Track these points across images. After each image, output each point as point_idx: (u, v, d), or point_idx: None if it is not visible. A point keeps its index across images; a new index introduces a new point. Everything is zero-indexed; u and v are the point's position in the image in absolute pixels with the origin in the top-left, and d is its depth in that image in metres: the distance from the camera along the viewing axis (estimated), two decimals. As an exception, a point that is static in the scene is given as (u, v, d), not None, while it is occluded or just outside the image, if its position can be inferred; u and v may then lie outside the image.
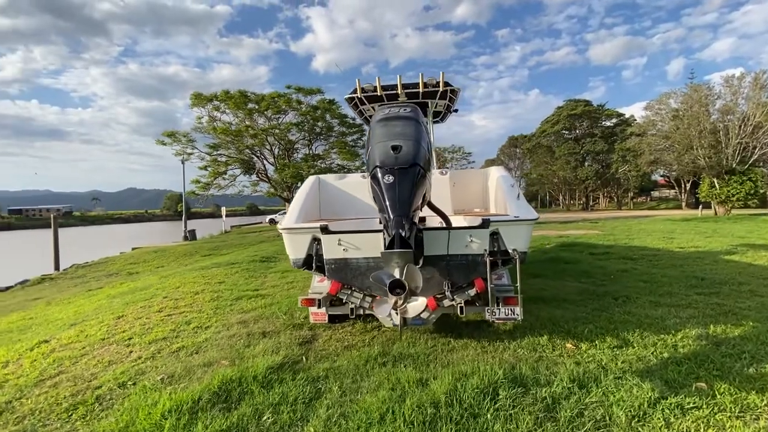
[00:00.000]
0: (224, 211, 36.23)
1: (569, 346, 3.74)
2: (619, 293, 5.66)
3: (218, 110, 32.62)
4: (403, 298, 2.61)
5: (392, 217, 2.65)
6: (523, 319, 3.75)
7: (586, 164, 54.27)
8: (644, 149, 31.30)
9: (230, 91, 31.73)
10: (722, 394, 2.77)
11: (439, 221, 3.81)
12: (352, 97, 5.94)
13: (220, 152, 33.01)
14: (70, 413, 2.95)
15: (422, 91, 5.68)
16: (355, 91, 5.75)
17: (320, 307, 3.95)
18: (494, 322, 4.07)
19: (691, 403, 2.66)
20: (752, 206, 26.09)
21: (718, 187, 26.11)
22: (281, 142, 33.70)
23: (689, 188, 44.39)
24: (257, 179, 34.63)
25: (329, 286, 3.78)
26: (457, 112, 7.03)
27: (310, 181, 5.23)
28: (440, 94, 5.88)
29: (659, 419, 2.52)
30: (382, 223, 2.82)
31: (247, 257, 11.30)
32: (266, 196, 34.14)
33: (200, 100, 31.84)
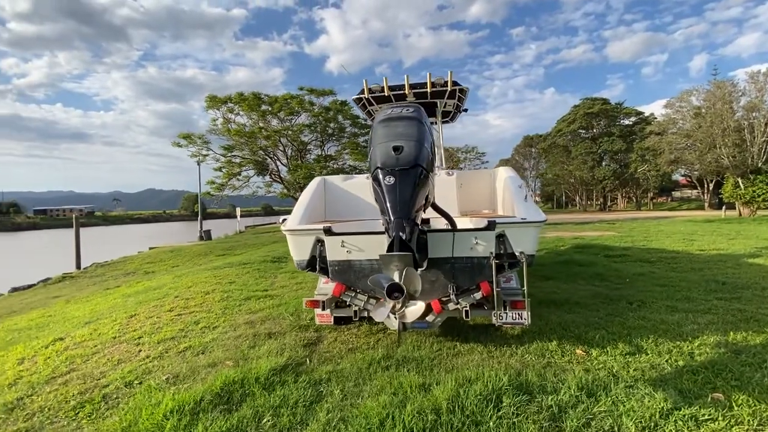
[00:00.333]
0: (239, 211, 36.66)
1: (579, 352, 3.62)
2: (634, 297, 5.48)
3: (232, 112, 33.12)
4: (401, 302, 2.56)
5: (392, 219, 2.61)
6: (531, 323, 3.66)
7: (603, 164, 53.06)
8: (664, 148, 30.41)
9: (244, 93, 32.19)
10: (740, 405, 2.63)
11: (444, 223, 3.75)
12: (360, 97, 5.93)
13: (234, 153, 33.48)
14: (77, 411, 3.00)
15: (430, 91, 5.62)
16: (362, 91, 5.73)
17: (325, 309, 3.94)
18: (501, 326, 3.98)
19: (706, 414, 2.53)
20: (779, 207, 25.17)
21: (742, 187, 25.20)
22: (294, 143, 33.98)
23: (712, 188, 42.92)
24: (271, 180, 35.04)
25: (334, 287, 3.76)
26: (467, 111, 6.95)
27: (315, 182, 5.21)
28: (449, 93, 5.82)
29: (671, 431, 2.41)
30: (383, 225, 2.79)
31: (259, 257, 11.40)
32: (279, 197, 34.48)
33: (215, 102, 32.39)
